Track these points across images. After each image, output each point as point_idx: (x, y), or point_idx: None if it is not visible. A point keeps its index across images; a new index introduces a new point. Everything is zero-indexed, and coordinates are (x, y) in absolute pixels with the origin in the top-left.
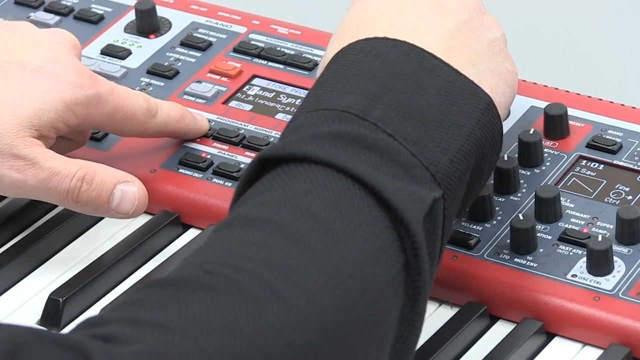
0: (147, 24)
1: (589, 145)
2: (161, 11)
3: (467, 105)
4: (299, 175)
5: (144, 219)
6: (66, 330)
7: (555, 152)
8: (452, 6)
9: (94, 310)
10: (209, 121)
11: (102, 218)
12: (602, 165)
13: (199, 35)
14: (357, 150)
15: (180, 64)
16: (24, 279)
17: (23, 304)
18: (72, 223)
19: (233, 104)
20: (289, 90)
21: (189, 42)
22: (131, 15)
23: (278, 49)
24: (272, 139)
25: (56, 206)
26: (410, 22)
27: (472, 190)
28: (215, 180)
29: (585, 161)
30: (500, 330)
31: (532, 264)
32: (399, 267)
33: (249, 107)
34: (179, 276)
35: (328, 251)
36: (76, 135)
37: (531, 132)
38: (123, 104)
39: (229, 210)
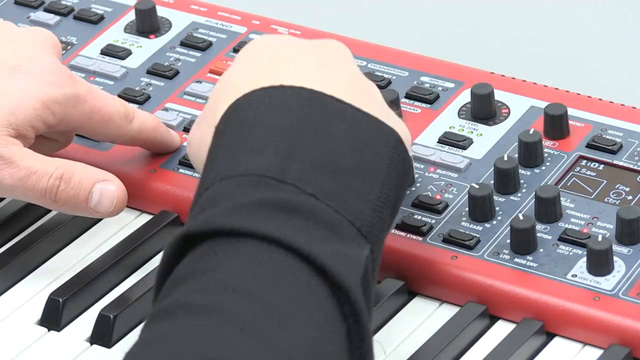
0: (147, 24)
1: (589, 145)
2: (161, 11)
3: (377, 145)
4: (230, 253)
5: (144, 219)
6: (66, 333)
7: (555, 152)
8: (341, 64)
9: (94, 311)
10: None
11: (102, 219)
12: (602, 165)
13: (199, 35)
14: (282, 217)
15: (180, 64)
16: (25, 279)
17: (23, 304)
18: (72, 224)
19: None
20: None
21: (189, 42)
22: (131, 15)
23: None
24: None
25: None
26: (307, 75)
27: (388, 230)
28: None
29: (585, 161)
30: (500, 330)
31: (532, 264)
32: (343, 337)
33: None
34: None
35: (279, 338)
36: (59, 136)
37: (531, 132)
38: (101, 105)
39: (154, 291)
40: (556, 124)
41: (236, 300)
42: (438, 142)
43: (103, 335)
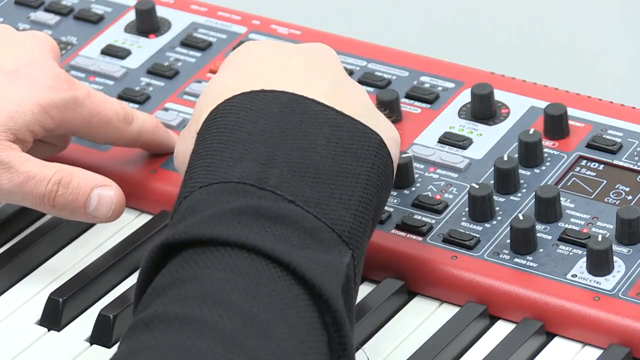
0: (147, 24)
1: (589, 145)
2: (161, 11)
3: (359, 149)
4: (209, 263)
5: (144, 219)
6: (66, 333)
7: (555, 152)
8: (326, 67)
9: (94, 311)
10: None
11: None
12: (602, 165)
13: (199, 35)
14: (262, 224)
15: (180, 64)
16: (25, 279)
17: (23, 304)
18: (72, 224)
19: None
20: None
21: (189, 42)
22: (131, 15)
23: None
24: None
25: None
26: (290, 80)
27: (370, 235)
28: None
29: (585, 161)
30: (500, 330)
31: (532, 264)
32: (324, 346)
33: None
34: None
35: (259, 349)
36: (56, 140)
37: (531, 132)
38: (100, 108)
39: (134, 301)
40: (556, 124)
41: (216, 311)
42: (438, 142)
43: (103, 335)
